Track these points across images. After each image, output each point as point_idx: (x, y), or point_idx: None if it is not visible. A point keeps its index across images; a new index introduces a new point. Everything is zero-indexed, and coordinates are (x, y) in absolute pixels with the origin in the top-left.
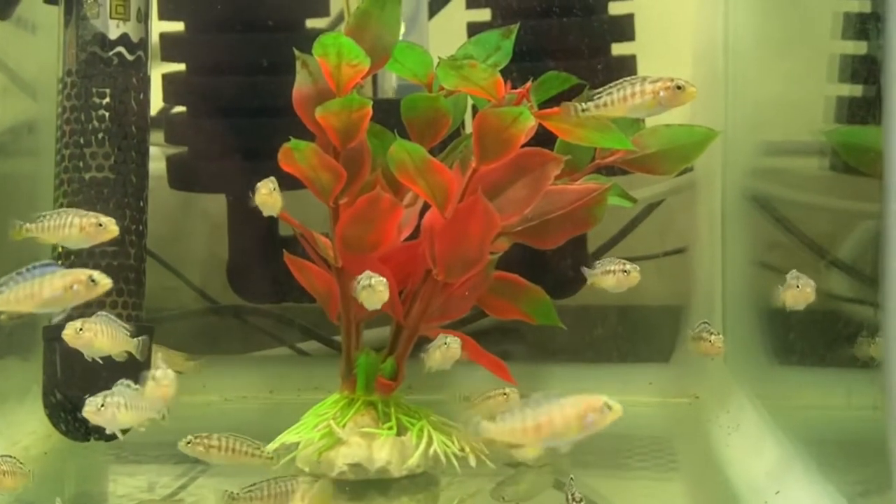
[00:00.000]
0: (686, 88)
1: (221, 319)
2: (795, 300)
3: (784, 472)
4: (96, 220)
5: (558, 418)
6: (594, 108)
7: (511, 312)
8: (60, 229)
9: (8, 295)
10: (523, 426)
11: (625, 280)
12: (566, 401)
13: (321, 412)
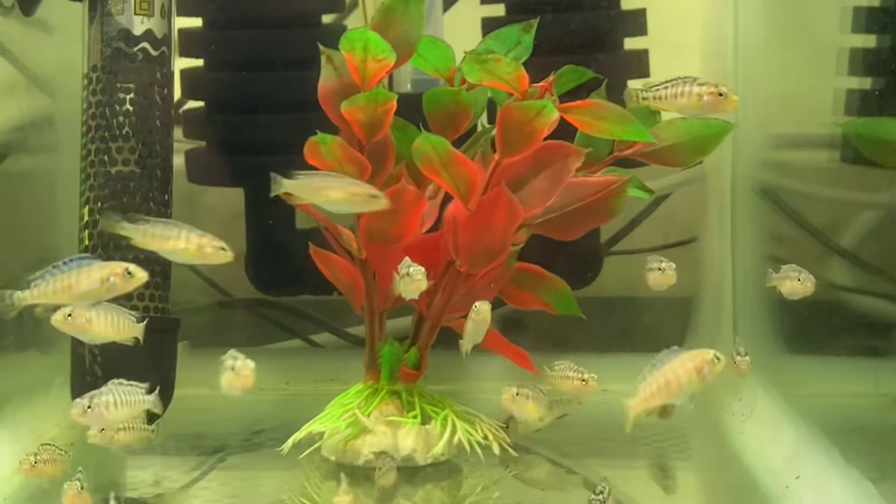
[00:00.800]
0: (728, 96)
1: (234, 312)
2: (794, 290)
3: (804, 458)
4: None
5: (682, 374)
6: (652, 98)
7: (532, 303)
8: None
9: (45, 287)
10: (657, 388)
11: (661, 278)
12: (684, 356)
13: (345, 402)
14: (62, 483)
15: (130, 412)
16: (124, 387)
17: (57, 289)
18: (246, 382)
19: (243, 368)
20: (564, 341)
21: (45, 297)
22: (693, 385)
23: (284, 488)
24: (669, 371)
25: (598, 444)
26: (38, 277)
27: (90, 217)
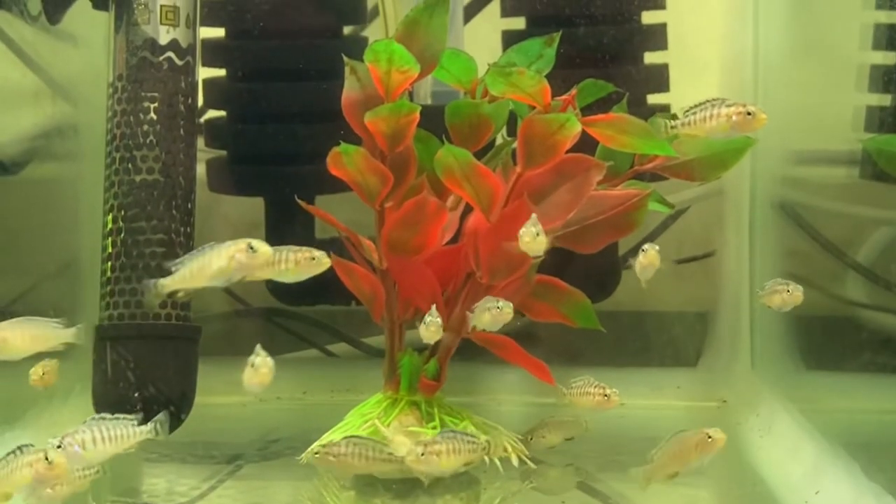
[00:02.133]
0: (756, 115)
1: (251, 321)
2: (784, 303)
3: (823, 473)
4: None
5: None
6: (681, 126)
7: (552, 315)
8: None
9: (183, 272)
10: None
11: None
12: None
13: (365, 412)
14: None
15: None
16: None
17: (193, 272)
18: (264, 380)
19: (262, 365)
20: (580, 355)
21: (184, 282)
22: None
23: (302, 498)
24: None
25: (615, 458)
26: (177, 264)
27: (114, 224)
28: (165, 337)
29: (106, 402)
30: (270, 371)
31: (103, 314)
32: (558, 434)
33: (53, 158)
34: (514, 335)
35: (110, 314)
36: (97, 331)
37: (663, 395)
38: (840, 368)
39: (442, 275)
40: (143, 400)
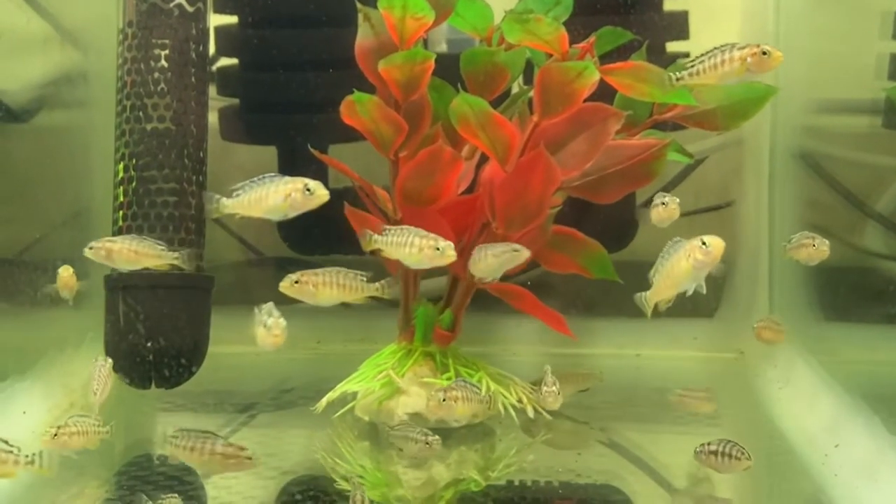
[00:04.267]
0: (772, 54)
1: (265, 270)
2: (810, 257)
3: (843, 426)
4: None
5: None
6: (687, 76)
7: (568, 266)
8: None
9: (243, 198)
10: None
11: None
12: (681, 252)
13: (379, 362)
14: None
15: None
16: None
17: (251, 200)
18: (277, 341)
19: (275, 327)
20: (595, 305)
21: (242, 209)
22: (690, 275)
23: (317, 447)
24: (671, 266)
25: (630, 409)
26: (238, 189)
27: (125, 174)
28: (177, 287)
29: (117, 352)
30: (283, 332)
31: None
32: (571, 386)
33: (63, 106)
34: (530, 286)
35: None
36: (108, 281)
37: (680, 346)
38: (860, 319)
39: (457, 225)
40: (154, 351)
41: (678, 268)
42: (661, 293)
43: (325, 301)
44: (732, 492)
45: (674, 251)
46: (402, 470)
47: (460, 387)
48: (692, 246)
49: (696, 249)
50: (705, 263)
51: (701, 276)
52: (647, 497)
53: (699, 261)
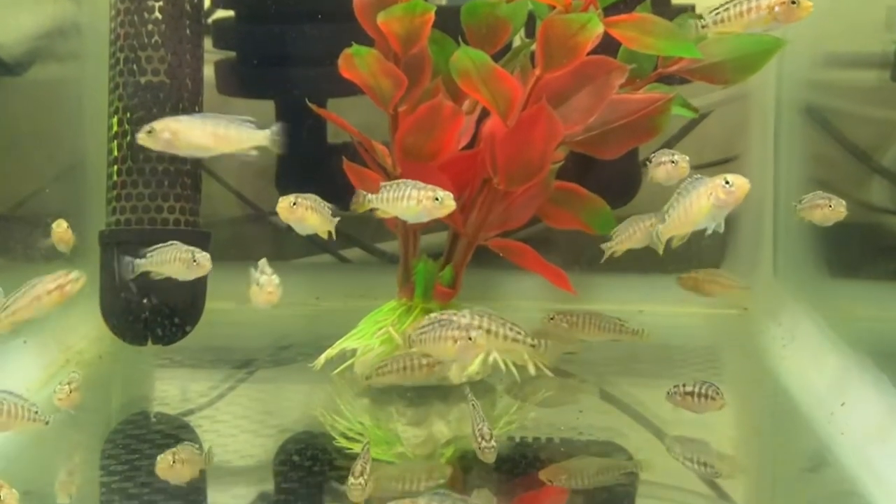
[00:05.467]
0: (801, 4)
1: (264, 226)
2: (826, 217)
3: (849, 384)
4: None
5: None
6: (712, 24)
7: (570, 222)
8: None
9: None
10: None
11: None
12: (700, 189)
13: (378, 319)
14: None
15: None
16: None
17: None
18: (270, 298)
19: (267, 284)
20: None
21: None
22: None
23: (316, 404)
24: (689, 203)
25: (632, 366)
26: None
27: (119, 127)
28: None
29: (113, 308)
30: (277, 289)
31: (110, 219)
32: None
33: (56, 59)
34: (532, 241)
35: (117, 219)
36: (102, 236)
37: (683, 303)
38: (867, 276)
39: (458, 181)
40: (147, 309)
41: (697, 205)
42: (676, 229)
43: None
44: (735, 450)
45: (693, 188)
46: (403, 427)
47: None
48: (714, 184)
49: (718, 188)
50: (727, 203)
51: (720, 216)
52: (648, 453)
53: (721, 199)
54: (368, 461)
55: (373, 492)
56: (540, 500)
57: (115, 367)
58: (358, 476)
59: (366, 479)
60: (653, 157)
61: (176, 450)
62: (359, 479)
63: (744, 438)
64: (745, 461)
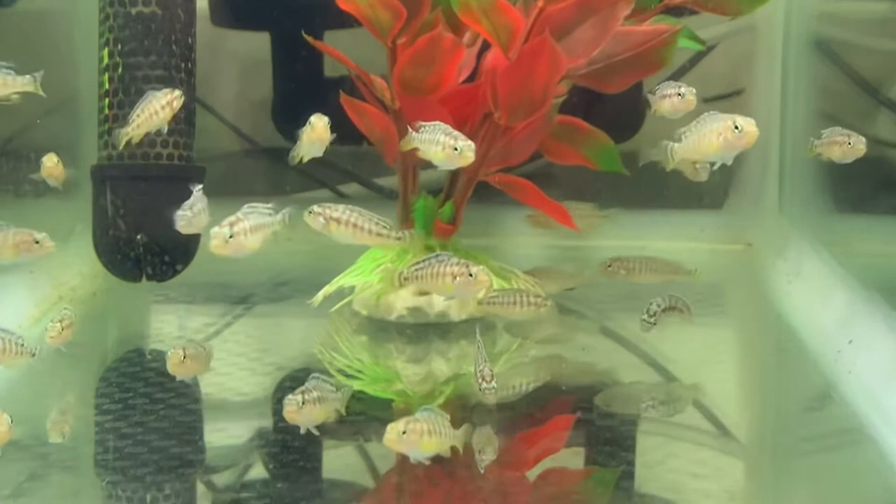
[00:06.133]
0: None
1: (260, 161)
2: (844, 155)
3: (857, 321)
4: None
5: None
6: None
7: (573, 158)
8: None
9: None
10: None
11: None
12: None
13: (377, 256)
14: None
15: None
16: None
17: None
18: (321, 135)
19: (318, 122)
20: (599, 197)
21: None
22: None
23: (314, 342)
24: (701, 137)
25: (633, 302)
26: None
27: (110, 59)
28: (166, 177)
29: (106, 243)
30: (326, 129)
31: (102, 153)
32: (557, 283)
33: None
34: (534, 177)
35: (109, 153)
36: (94, 171)
37: (686, 238)
38: (873, 210)
39: (458, 115)
40: (137, 246)
41: (707, 141)
42: (687, 154)
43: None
44: (740, 388)
45: (708, 122)
46: (402, 365)
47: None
48: (725, 126)
49: (728, 130)
50: (735, 147)
51: (728, 156)
52: (651, 390)
53: (729, 142)
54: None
55: None
56: (541, 438)
57: (109, 304)
58: (490, 381)
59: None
60: (657, 89)
61: (185, 345)
62: (491, 383)
63: (749, 377)
64: (749, 399)
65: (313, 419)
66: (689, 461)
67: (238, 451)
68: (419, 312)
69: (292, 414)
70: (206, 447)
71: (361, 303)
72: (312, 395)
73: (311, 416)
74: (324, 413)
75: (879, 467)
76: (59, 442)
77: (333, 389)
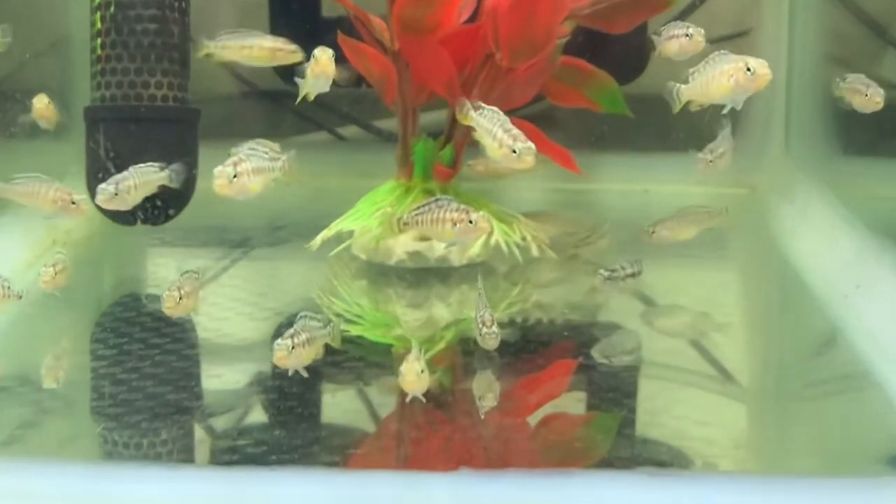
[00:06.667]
0: None
1: (258, 103)
2: (863, 105)
3: (865, 265)
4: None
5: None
6: None
7: (577, 100)
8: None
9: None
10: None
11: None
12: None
13: (377, 199)
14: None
15: None
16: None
17: None
18: (326, 69)
19: (322, 54)
20: (603, 139)
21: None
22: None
23: (313, 286)
24: (710, 79)
25: (636, 247)
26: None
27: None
28: (159, 120)
29: (95, 188)
30: (331, 62)
31: (95, 94)
32: (557, 227)
33: None
34: (536, 119)
35: (102, 95)
36: (86, 112)
37: (689, 181)
38: (881, 153)
39: (459, 56)
40: None
41: (717, 83)
42: (695, 96)
43: None
44: (745, 334)
45: (718, 63)
46: (402, 310)
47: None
48: (736, 67)
49: (739, 72)
50: (746, 89)
51: (739, 99)
52: (653, 335)
53: (740, 84)
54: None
55: None
56: (542, 384)
57: (104, 248)
58: (490, 325)
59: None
60: (662, 30)
61: (180, 283)
62: (491, 327)
63: (753, 322)
64: (754, 344)
65: (303, 361)
66: (692, 407)
67: (235, 397)
68: (419, 257)
69: (283, 360)
70: (203, 393)
71: (360, 247)
72: (301, 338)
73: (300, 359)
74: (314, 352)
75: (885, 413)
76: (54, 388)
77: (321, 326)
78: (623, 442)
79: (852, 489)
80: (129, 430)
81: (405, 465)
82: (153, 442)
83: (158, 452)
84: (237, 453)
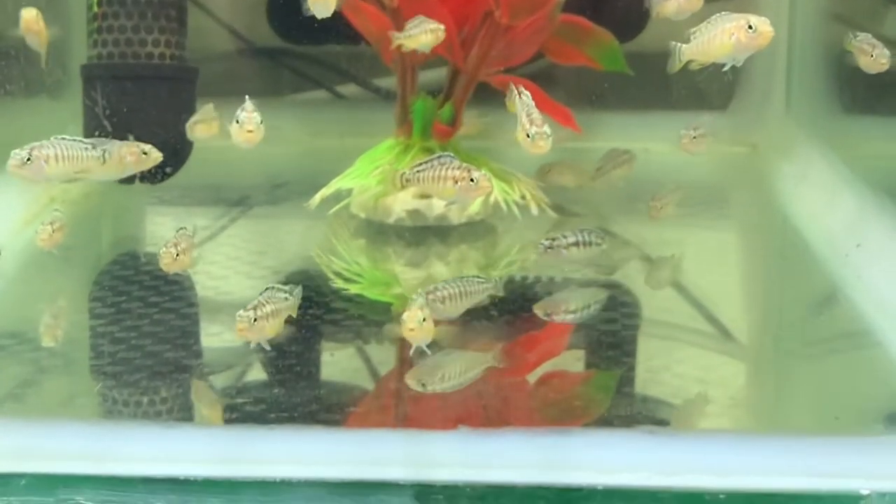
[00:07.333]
0: None
1: (256, 61)
2: (868, 66)
3: (866, 224)
4: None
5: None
6: None
7: (577, 58)
8: None
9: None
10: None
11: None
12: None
13: (376, 157)
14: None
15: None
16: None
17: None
18: (250, 137)
19: (247, 122)
20: (603, 98)
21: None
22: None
23: (311, 244)
24: (712, 38)
25: (634, 205)
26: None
27: None
28: (156, 77)
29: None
30: (258, 128)
31: (91, 52)
32: (569, 177)
33: None
34: (535, 77)
35: (98, 52)
36: (83, 70)
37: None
38: (883, 112)
39: (457, 14)
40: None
41: (717, 42)
42: (696, 55)
43: None
44: (745, 292)
45: (719, 22)
46: (401, 269)
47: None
48: (738, 25)
49: (741, 30)
50: (747, 47)
51: (740, 57)
52: (653, 293)
53: (742, 43)
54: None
55: None
56: (541, 342)
57: (102, 206)
58: (542, 125)
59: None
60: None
61: (176, 239)
62: (543, 127)
63: (754, 280)
64: (754, 303)
65: (266, 335)
66: (692, 366)
67: (234, 355)
68: (418, 215)
69: (244, 332)
70: (202, 351)
71: (359, 205)
72: (265, 310)
73: (263, 332)
74: (277, 326)
75: (886, 372)
76: (52, 346)
77: (286, 298)
78: (622, 400)
79: (852, 447)
80: (128, 389)
81: (404, 423)
82: (153, 400)
83: (157, 411)
84: (236, 412)
